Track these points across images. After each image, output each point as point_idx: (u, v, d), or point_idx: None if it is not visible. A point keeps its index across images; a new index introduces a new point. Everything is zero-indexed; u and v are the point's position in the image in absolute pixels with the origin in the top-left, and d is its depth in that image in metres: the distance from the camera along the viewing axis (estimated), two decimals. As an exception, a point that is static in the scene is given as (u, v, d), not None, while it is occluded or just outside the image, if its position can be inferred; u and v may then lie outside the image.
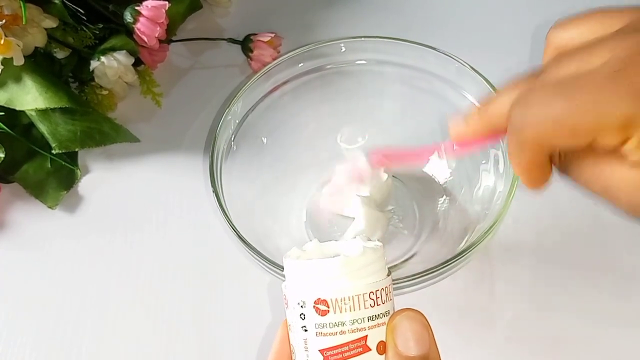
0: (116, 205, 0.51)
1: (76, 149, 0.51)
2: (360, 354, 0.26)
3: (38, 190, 0.51)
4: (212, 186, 0.40)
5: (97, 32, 0.52)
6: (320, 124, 0.48)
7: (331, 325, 0.26)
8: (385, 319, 0.26)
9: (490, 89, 0.41)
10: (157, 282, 0.46)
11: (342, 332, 0.26)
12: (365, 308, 0.26)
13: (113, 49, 0.52)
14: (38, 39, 0.49)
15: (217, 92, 0.56)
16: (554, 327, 0.42)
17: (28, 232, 0.50)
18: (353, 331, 0.26)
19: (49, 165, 0.52)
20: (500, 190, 0.41)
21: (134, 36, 0.51)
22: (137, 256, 0.48)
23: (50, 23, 0.49)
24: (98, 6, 0.52)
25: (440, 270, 0.36)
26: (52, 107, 0.48)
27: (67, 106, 0.49)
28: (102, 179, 0.53)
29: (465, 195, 0.45)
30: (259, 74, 0.45)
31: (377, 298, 0.26)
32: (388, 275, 0.27)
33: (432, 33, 0.56)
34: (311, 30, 0.60)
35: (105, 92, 0.54)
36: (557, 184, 0.48)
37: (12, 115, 0.49)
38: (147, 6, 0.49)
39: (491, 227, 0.37)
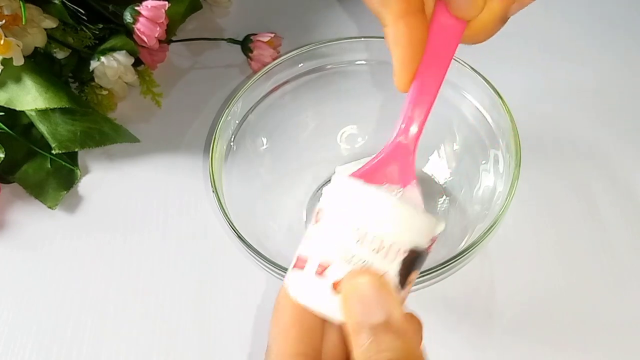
0: (116, 206, 0.51)
1: (76, 149, 0.51)
2: (317, 276, 0.25)
3: (38, 191, 0.51)
4: (212, 186, 0.40)
5: (97, 32, 0.52)
6: (320, 124, 0.49)
7: (316, 237, 0.25)
8: (362, 267, 0.24)
9: (491, 89, 0.41)
10: (157, 282, 0.46)
11: (318, 248, 0.25)
12: (346, 238, 0.24)
13: (113, 49, 0.52)
14: (38, 39, 0.49)
15: (217, 92, 0.56)
16: (554, 327, 0.42)
17: (28, 232, 0.50)
18: (322, 251, 0.25)
19: (49, 166, 0.52)
20: (500, 190, 0.41)
21: (134, 36, 0.51)
22: (137, 256, 0.48)
23: (50, 23, 0.49)
24: (98, 6, 0.52)
25: (440, 270, 0.36)
26: (52, 107, 0.48)
27: (67, 106, 0.49)
28: (102, 179, 0.53)
29: (465, 196, 0.45)
30: (258, 74, 0.45)
31: (364, 238, 0.24)
32: (409, 242, 0.25)
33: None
34: (311, 30, 0.60)
35: (105, 92, 0.54)
36: (558, 183, 0.48)
37: (12, 116, 0.49)
38: (147, 6, 0.49)
39: (491, 227, 0.37)
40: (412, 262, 0.25)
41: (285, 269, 0.35)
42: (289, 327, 0.25)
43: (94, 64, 0.52)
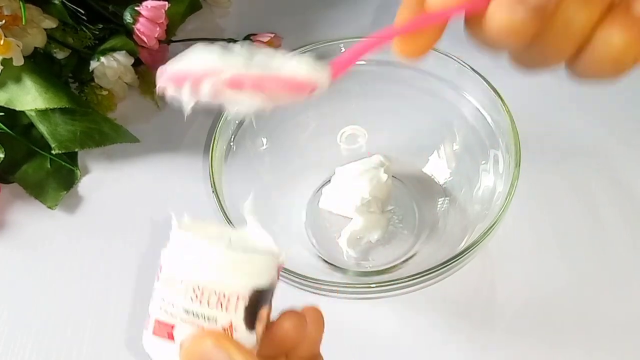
0: (116, 206, 0.51)
1: (76, 150, 0.51)
2: (165, 338, 0.25)
3: (38, 191, 0.51)
4: (212, 186, 0.40)
5: (97, 32, 0.52)
6: (320, 124, 0.49)
7: (159, 296, 0.25)
8: (207, 324, 0.24)
9: (490, 90, 0.41)
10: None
11: (160, 307, 0.25)
12: (184, 298, 0.24)
13: (113, 50, 0.52)
14: (38, 40, 0.49)
15: (217, 92, 0.56)
16: (554, 326, 0.42)
17: (28, 232, 0.50)
18: (166, 312, 0.25)
19: (49, 166, 0.52)
20: (499, 190, 0.41)
21: (134, 36, 0.51)
22: (137, 256, 0.48)
23: (50, 23, 0.49)
24: (98, 6, 0.52)
25: (440, 270, 0.36)
26: (51, 107, 0.48)
27: (67, 106, 0.49)
28: (101, 179, 0.53)
29: (465, 196, 0.45)
30: (259, 74, 0.45)
31: (202, 296, 0.24)
32: (246, 288, 0.25)
33: (431, 33, 0.55)
34: (311, 30, 0.60)
35: (105, 93, 0.54)
36: (558, 183, 0.48)
37: (12, 116, 0.49)
38: (146, 6, 0.49)
39: (491, 227, 0.37)
40: (256, 303, 0.25)
41: (284, 270, 0.35)
42: None
43: (93, 64, 0.52)
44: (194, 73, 0.25)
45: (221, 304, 0.24)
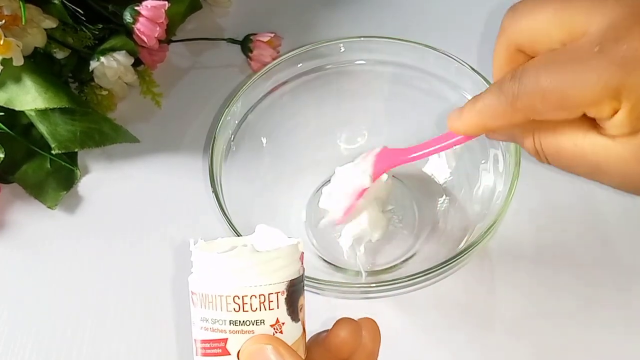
0: (116, 206, 0.51)
1: (76, 149, 0.51)
2: (219, 355, 0.25)
3: (38, 191, 0.51)
4: (211, 186, 0.40)
5: (97, 32, 0.52)
6: (319, 124, 0.49)
7: (199, 318, 0.26)
8: (256, 328, 0.25)
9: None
10: (157, 282, 0.46)
11: (205, 328, 0.26)
12: (227, 311, 0.25)
13: (112, 49, 0.52)
14: (38, 40, 0.49)
15: (216, 92, 0.56)
16: (555, 326, 0.42)
17: (28, 232, 0.50)
18: (214, 330, 0.25)
19: (49, 166, 0.52)
20: (499, 189, 0.41)
21: (134, 36, 0.51)
22: (137, 256, 0.48)
23: (50, 23, 0.49)
24: (98, 6, 0.52)
25: (440, 270, 0.36)
26: (51, 107, 0.48)
27: (67, 106, 0.49)
28: (101, 179, 0.53)
29: (465, 195, 0.45)
30: (258, 74, 0.45)
31: (243, 304, 0.25)
32: (281, 282, 0.26)
33: (431, 33, 0.56)
34: (311, 30, 0.60)
35: (104, 93, 0.54)
36: (558, 183, 0.48)
37: (12, 116, 0.49)
38: (146, 6, 0.49)
39: (491, 226, 0.37)
40: (293, 294, 0.26)
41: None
42: None
43: (93, 64, 0.51)
44: None
45: (263, 305, 0.25)
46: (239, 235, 0.38)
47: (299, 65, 0.46)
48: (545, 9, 0.25)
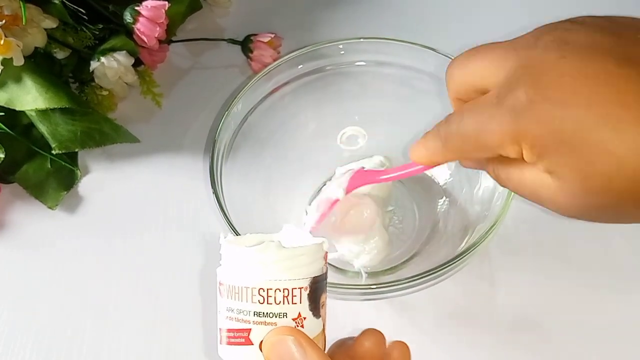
0: (116, 206, 0.51)
1: (76, 149, 0.51)
2: (242, 344, 0.27)
3: (38, 191, 0.51)
4: (212, 187, 0.40)
5: (97, 32, 0.52)
6: (320, 125, 0.49)
7: (225, 308, 0.27)
8: (279, 320, 0.26)
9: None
10: (157, 282, 0.46)
11: (230, 318, 0.27)
12: (252, 302, 0.26)
13: (113, 50, 0.52)
14: (38, 39, 0.49)
15: (217, 93, 0.56)
16: (555, 326, 0.42)
17: (28, 232, 0.50)
18: (238, 320, 0.27)
19: (49, 166, 0.52)
20: (500, 190, 0.41)
21: (134, 36, 0.51)
22: (137, 256, 0.48)
23: (50, 23, 0.49)
24: (98, 6, 0.52)
25: (441, 271, 0.36)
26: (52, 107, 0.48)
27: (67, 106, 0.49)
28: (102, 179, 0.53)
29: (465, 196, 0.45)
30: (259, 75, 0.45)
31: (268, 296, 0.26)
32: (305, 278, 0.27)
33: (431, 34, 0.56)
34: (311, 31, 0.60)
35: (105, 93, 0.54)
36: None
37: (12, 116, 0.49)
38: (147, 6, 0.49)
39: (491, 227, 0.37)
40: (316, 290, 0.27)
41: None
42: None
43: (94, 64, 0.51)
44: None
45: (287, 299, 0.26)
46: (239, 235, 0.38)
47: (299, 67, 0.46)
48: (471, 63, 0.28)
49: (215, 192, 0.40)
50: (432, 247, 0.44)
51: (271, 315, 0.26)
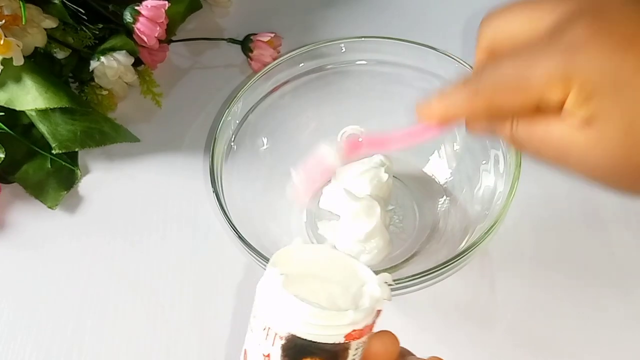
0: (116, 206, 0.51)
1: (76, 149, 0.51)
2: None
3: (38, 191, 0.51)
4: (212, 186, 0.40)
5: (97, 32, 0.52)
6: (320, 124, 0.48)
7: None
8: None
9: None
10: (157, 282, 0.46)
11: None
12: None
13: (113, 49, 0.52)
14: (38, 39, 0.49)
15: (217, 92, 0.56)
16: (555, 327, 0.42)
17: (28, 232, 0.50)
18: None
19: (49, 166, 0.52)
20: (500, 190, 0.41)
21: (134, 36, 0.51)
22: (137, 256, 0.48)
23: (50, 23, 0.49)
24: (98, 6, 0.52)
25: (441, 271, 0.36)
26: (52, 107, 0.48)
27: (67, 106, 0.49)
28: (102, 179, 0.53)
29: (466, 196, 0.45)
30: (259, 74, 0.45)
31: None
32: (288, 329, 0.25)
33: (432, 33, 0.56)
34: (311, 30, 0.60)
35: (105, 92, 0.54)
36: (559, 184, 0.48)
37: (12, 115, 0.49)
38: (146, 6, 0.49)
39: (491, 227, 0.37)
40: (294, 348, 0.25)
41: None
42: None
43: (94, 64, 0.52)
44: None
45: (267, 332, 0.26)
46: (239, 236, 0.38)
47: (299, 66, 0.46)
48: (517, 13, 0.27)
49: (215, 192, 0.40)
50: (433, 246, 0.44)
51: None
